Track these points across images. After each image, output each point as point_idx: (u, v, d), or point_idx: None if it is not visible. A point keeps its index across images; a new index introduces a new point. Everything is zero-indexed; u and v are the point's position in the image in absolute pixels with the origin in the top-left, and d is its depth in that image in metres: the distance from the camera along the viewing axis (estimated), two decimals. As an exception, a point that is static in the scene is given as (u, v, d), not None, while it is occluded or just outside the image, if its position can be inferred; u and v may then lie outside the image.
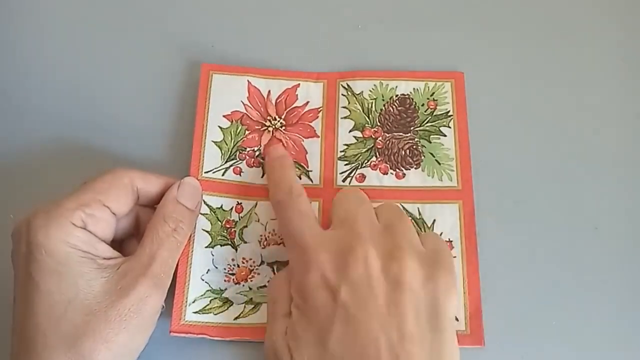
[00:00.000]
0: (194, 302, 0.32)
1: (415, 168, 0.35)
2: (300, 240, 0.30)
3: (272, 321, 0.30)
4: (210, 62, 0.37)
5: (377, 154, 0.36)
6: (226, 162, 0.35)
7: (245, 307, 0.32)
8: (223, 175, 0.35)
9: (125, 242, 0.33)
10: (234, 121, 0.36)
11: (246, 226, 0.34)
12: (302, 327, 0.28)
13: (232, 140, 0.36)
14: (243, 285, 0.33)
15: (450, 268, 0.29)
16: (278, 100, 0.37)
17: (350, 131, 0.36)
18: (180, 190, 0.32)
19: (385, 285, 0.28)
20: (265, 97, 0.37)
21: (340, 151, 0.36)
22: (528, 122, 0.37)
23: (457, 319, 0.32)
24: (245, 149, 0.36)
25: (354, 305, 0.27)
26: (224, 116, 0.36)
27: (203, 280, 0.33)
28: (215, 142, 0.36)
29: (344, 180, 0.35)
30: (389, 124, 0.36)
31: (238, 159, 0.35)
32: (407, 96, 0.37)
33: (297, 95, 0.37)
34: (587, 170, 0.36)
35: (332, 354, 0.27)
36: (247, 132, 0.36)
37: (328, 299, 0.28)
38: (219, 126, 0.36)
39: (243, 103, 0.37)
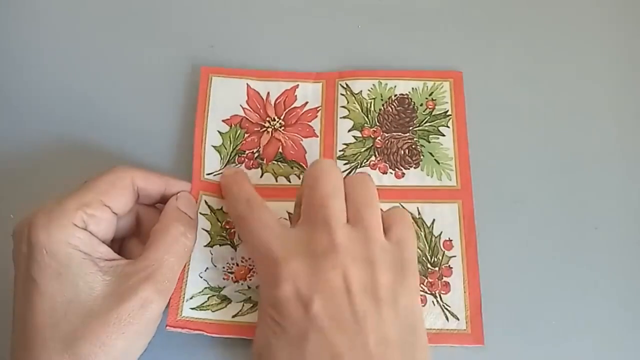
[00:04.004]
0: (191, 298, 0.32)
1: (415, 167, 0.35)
2: (267, 252, 0.28)
3: (257, 329, 0.29)
4: (209, 63, 0.38)
5: (376, 153, 0.36)
6: (225, 165, 0.35)
7: (243, 305, 0.32)
8: None
9: (126, 241, 0.33)
10: (232, 125, 0.36)
11: (246, 226, 0.34)
12: (278, 339, 0.27)
13: (231, 145, 0.36)
14: (242, 284, 0.33)
15: (414, 267, 0.29)
16: (277, 102, 0.37)
17: (349, 131, 0.36)
18: (179, 200, 0.32)
19: (359, 297, 0.27)
20: (265, 99, 0.37)
21: (340, 150, 0.36)
22: (527, 121, 0.37)
23: (457, 319, 0.32)
24: (245, 152, 0.36)
25: (326, 317, 0.26)
26: (222, 121, 0.36)
27: (201, 277, 0.32)
28: (214, 147, 0.36)
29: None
30: (388, 123, 0.37)
31: (237, 163, 0.36)
32: (405, 96, 0.37)
33: (296, 96, 0.37)
34: (586, 170, 0.36)
35: None
36: (246, 136, 0.36)
37: (300, 312, 0.26)
38: (218, 131, 0.36)
39: (242, 107, 0.37)
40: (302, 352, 0.26)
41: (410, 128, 0.36)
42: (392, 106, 0.37)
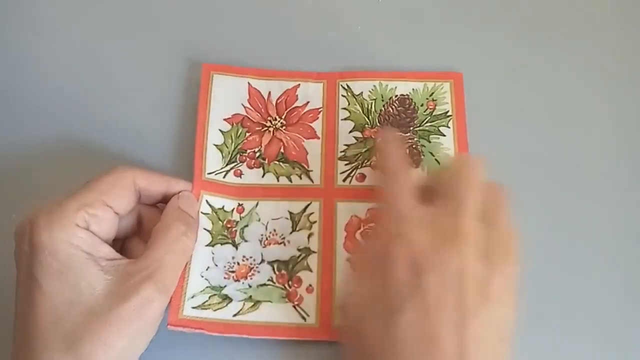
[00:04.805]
0: (192, 297, 0.32)
1: (415, 167, 0.35)
2: (396, 207, 0.29)
3: (352, 280, 0.30)
4: (210, 62, 0.38)
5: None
6: (227, 164, 0.35)
7: (244, 304, 0.32)
8: (224, 177, 0.35)
9: (127, 241, 0.33)
10: (234, 124, 0.36)
11: (247, 226, 0.34)
12: (375, 296, 0.28)
13: (233, 143, 0.36)
14: (243, 283, 0.33)
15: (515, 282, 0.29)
16: (278, 101, 0.37)
17: (350, 132, 0.36)
18: (181, 200, 0.32)
19: (471, 290, 0.27)
20: (266, 98, 0.37)
21: (341, 151, 0.36)
22: (527, 122, 0.37)
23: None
24: (246, 150, 0.36)
25: (433, 293, 0.26)
26: (224, 119, 0.36)
27: (202, 277, 0.33)
28: (216, 145, 0.36)
29: (344, 180, 0.35)
30: (389, 124, 0.37)
31: (238, 162, 0.36)
32: (406, 97, 0.37)
33: (297, 95, 0.37)
34: (586, 170, 0.36)
35: (398, 334, 0.26)
36: (247, 134, 0.36)
37: (408, 278, 0.27)
38: (220, 129, 0.36)
39: (243, 106, 0.37)
40: (395, 318, 0.26)
41: (411, 128, 0.37)
42: (393, 106, 0.37)
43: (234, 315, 0.32)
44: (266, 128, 0.37)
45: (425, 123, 0.37)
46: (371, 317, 0.27)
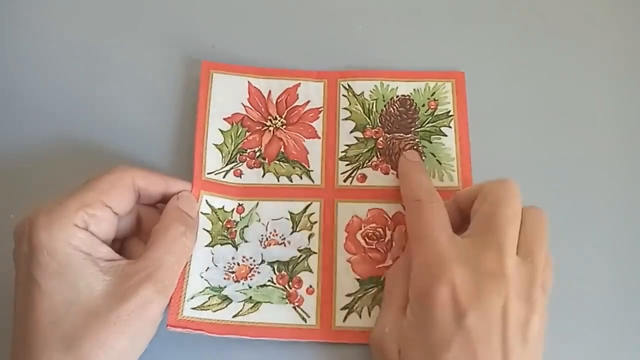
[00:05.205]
0: (192, 298, 0.32)
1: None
2: (434, 245, 0.29)
3: (384, 312, 0.30)
4: (210, 60, 0.37)
5: (378, 154, 0.36)
6: (226, 164, 0.35)
7: (244, 305, 0.32)
8: (224, 177, 0.35)
9: (127, 241, 0.33)
10: (234, 124, 0.36)
11: (247, 226, 0.34)
12: (416, 335, 0.28)
13: (233, 143, 0.36)
14: (242, 284, 0.33)
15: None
16: (279, 100, 0.37)
17: (351, 132, 0.36)
18: (180, 200, 0.32)
19: (513, 331, 0.27)
20: (266, 97, 0.37)
21: (342, 151, 0.36)
22: (529, 121, 0.37)
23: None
24: (246, 150, 0.36)
25: (477, 335, 0.27)
26: (224, 119, 0.36)
27: (202, 277, 0.33)
28: (216, 145, 0.36)
29: (345, 180, 0.35)
30: (390, 124, 0.37)
31: (238, 161, 0.36)
32: (407, 97, 0.37)
33: (297, 94, 0.37)
34: (588, 170, 0.36)
35: None
36: (247, 134, 0.36)
37: (451, 318, 0.27)
38: (219, 129, 0.36)
39: (243, 105, 0.37)
40: (440, 356, 0.27)
41: (412, 129, 0.36)
42: (394, 107, 0.37)
43: (234, 316, 0.32)
44: (266, 127, 0.37)
45: (427, 123, 0.36)
46: (413, 354, 0.28)
